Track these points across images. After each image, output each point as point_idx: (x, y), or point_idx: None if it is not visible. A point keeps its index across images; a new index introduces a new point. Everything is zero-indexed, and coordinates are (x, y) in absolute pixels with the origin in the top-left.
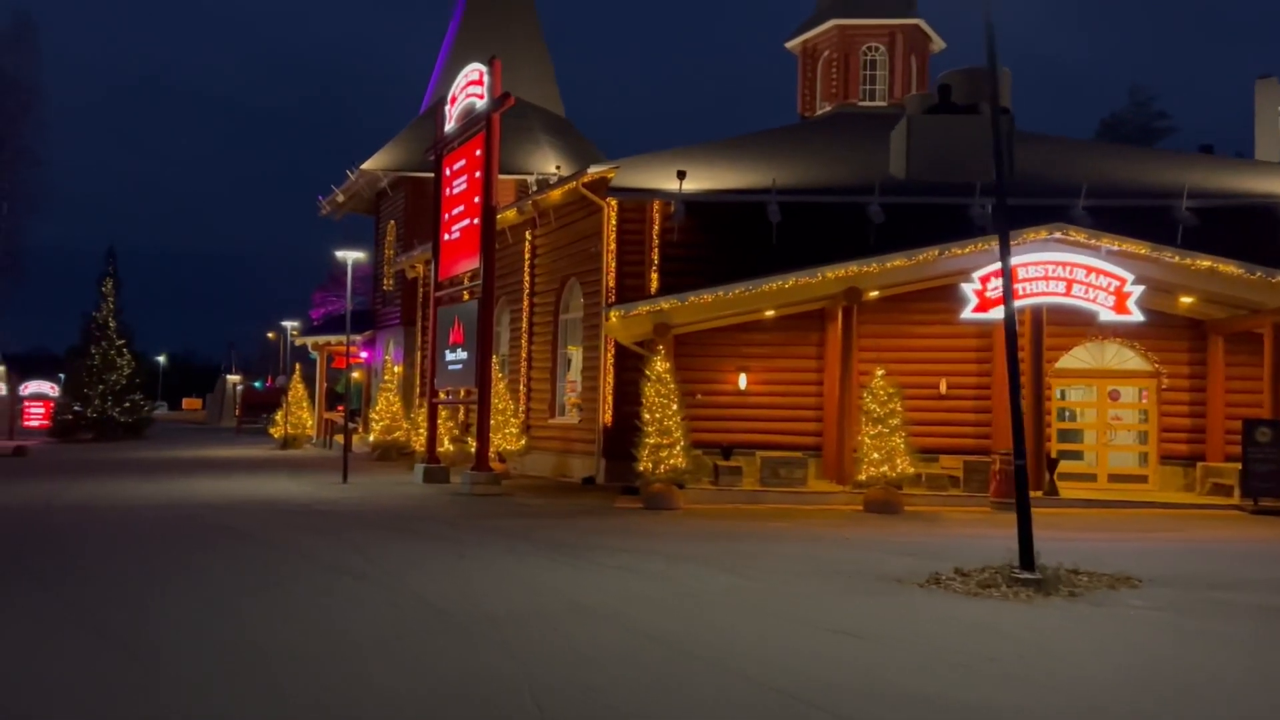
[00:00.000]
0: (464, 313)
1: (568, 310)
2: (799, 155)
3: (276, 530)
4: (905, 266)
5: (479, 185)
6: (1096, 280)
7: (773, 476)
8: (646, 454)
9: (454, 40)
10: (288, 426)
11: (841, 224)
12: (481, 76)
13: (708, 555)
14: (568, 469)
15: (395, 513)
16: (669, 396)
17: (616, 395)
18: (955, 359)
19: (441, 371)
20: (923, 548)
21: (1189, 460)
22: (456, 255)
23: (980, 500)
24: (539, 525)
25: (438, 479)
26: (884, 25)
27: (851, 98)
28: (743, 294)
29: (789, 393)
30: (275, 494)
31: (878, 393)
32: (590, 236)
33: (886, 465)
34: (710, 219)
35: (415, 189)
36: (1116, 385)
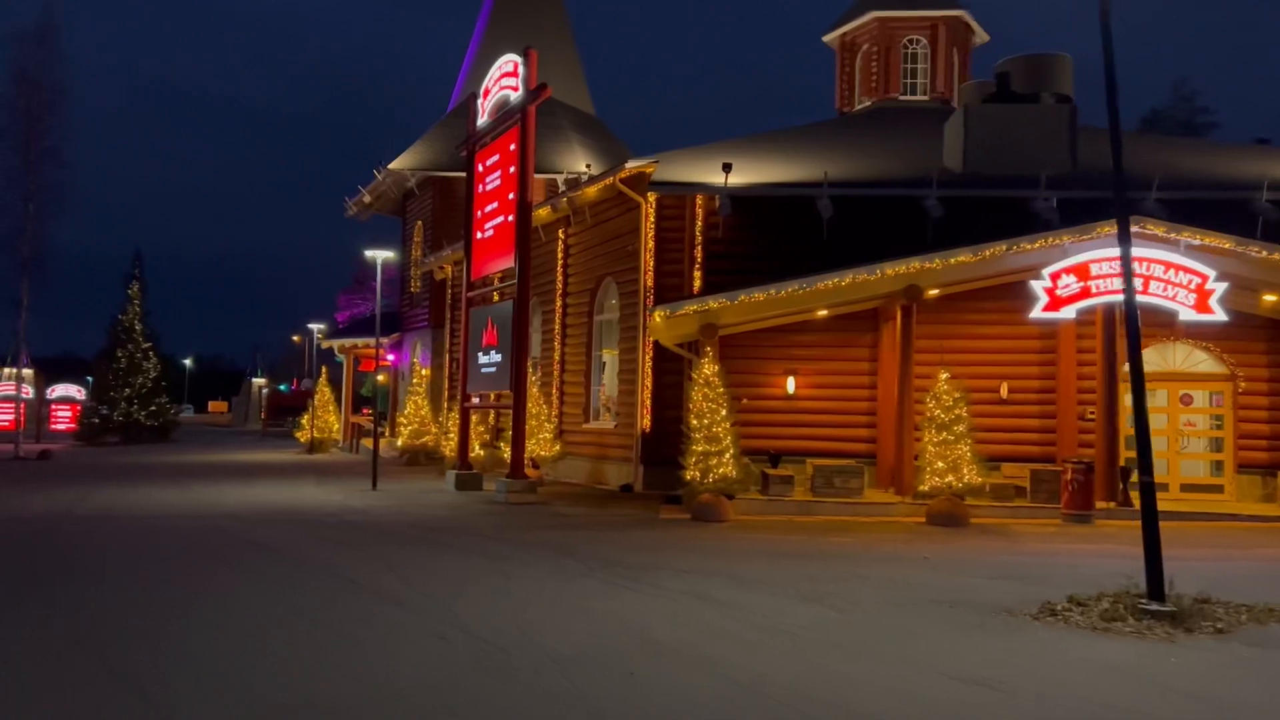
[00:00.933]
0: (498, 314)
1: (602, 311)
2: (843, 149)
3: (305, 544)
4: (970, 262)
5: (513, 181)
6: (1176, 277)
7: (826, 486)
8: (693, 462)
9: (482, 37)
10: (314, 430)
11: (895, 219)
12: (516, 68)
13: (780, 578)
14: (603, 476)
15: (429, 524)
16: (717, 401)
17: (655, 399)
18: (1016, 361)
19: (474, 375)
20: (1014, 569)
21: (1269, 469)
22: (489, 254)
23: (1050, 512)
24: (584, 539)
25: (470, 486)
26: (926, 17)
27: (892, 92)
28: (796, 292)
29: (840, 397)
30: (303, 502)
31: (942, 397)
32: (627, 234)
33: (952, 475)
34: (756, 215)
35: (443, 189)
36: (1188, 389)
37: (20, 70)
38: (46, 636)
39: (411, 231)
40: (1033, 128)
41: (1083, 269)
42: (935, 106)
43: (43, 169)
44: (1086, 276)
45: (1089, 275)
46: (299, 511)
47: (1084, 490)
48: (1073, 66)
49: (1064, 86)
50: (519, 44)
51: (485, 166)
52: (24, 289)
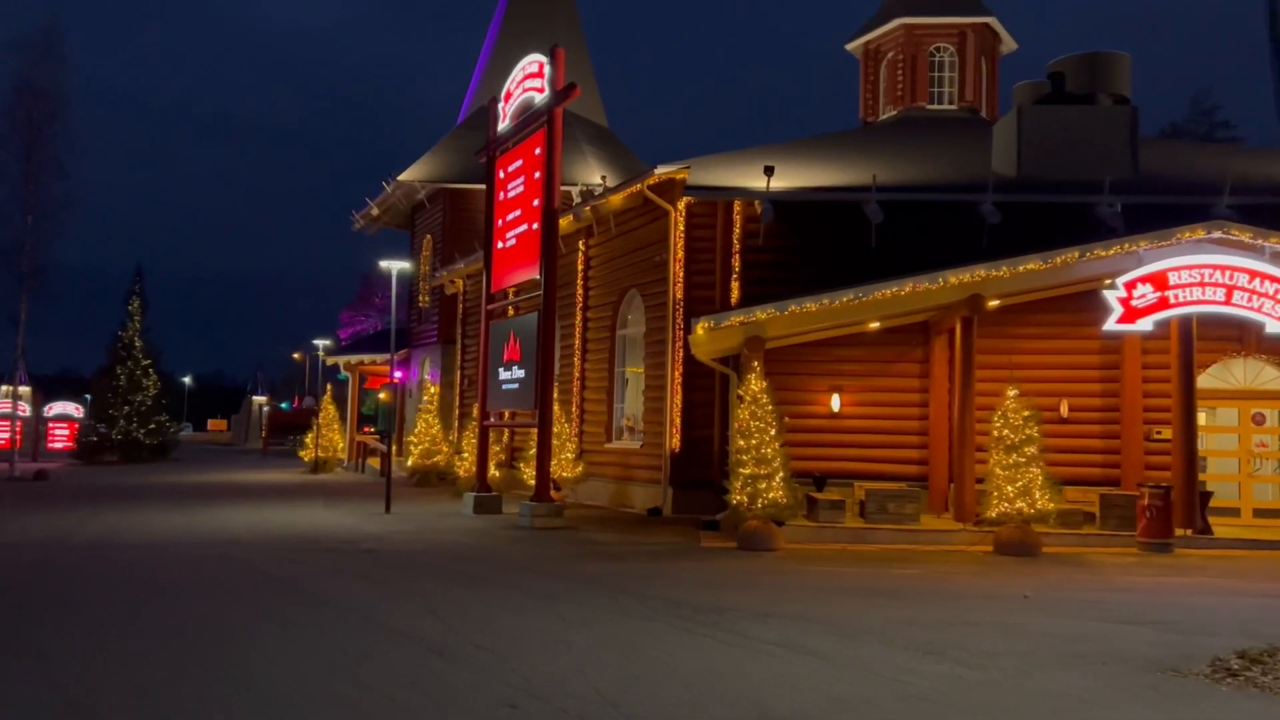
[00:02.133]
0: (521, 327)
1: (625, 325)
2: (878, 156)
3: (326, 579)
4: (1039, 270)
5: (538, 187)
6: (1262, 286)
7: (880, 512)
8: (740, 485)
9: (494, 46)
10: (318, 449)
11: (947, 226)
12: (541, 68)
13: (879, 623)
14: (628, 498)
15: (456, 553)
16: (766, 420)
17: (685, 418)
18: (1076, 377)
19: (494, 392)
20: (1130, 611)
21: None
22: (511, 265)
23: (1124, 540)
24: (631, 572)
25: (490, 509)
26: (954, 24)
27: (920, 100)
28: (851, 302)
29: (888, 415)
30: (314, 527)
31: (1011, 416)
32: (654, 244)
33: (1023, 500)
34: (796, 222)
35: (454, 201)
36: (1260, 408)
37: (23, 78)
38: (25, 696)
39: (420, 245)
40: (1091, 130)
41: (1160, 278)
42: (965, 115)
43: (43, 180)
44: (1164, 286)
45: (1167, 285)
46: (312, 538)
47: (1163, 517)
48: (1130, 65)
49: (1122, 86)
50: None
51: (507, 173)
52: (22, 305)
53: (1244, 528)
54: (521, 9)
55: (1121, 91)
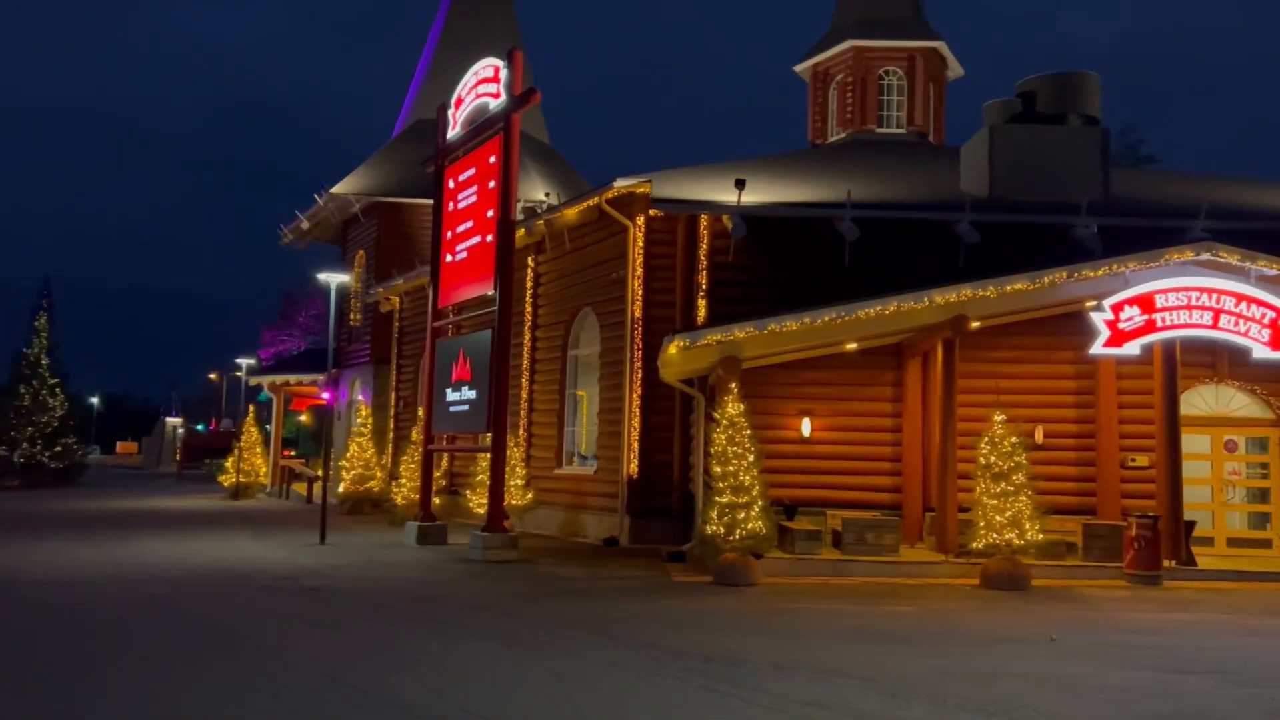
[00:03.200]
0: (472, 345)
1: (578, 345)
2: (835, 175)
3: (267, 623)
4: (1027, 290)
5: (493, 197)
6: (1249, 310)
7: (858, 542)
8: (716, 515)
9: (432, 57)
10: (240, 474)
11: (921, 245)
12: (497, 73)
13: (917, 678)
14: (580, 527)
15: (409, 591)
16: (744, 445)
17: (644, 443)
18: (1051, 403)
19: (440, 414)
20: (1176, 656)
21: None
22: (461, 279)
23: (1110, 572)
24: (609, 613)
25: (434, 540)
26: (903, 48)
27: (869, 123)
28: (833, 321)
29: (860, 441)
30: (245, 561)
31: (1000, 442)
32: (610, 261)
33: (1012, 531)
34: (766, 238)
35: (390, 215)
36: (1234, 435)
37: None
38: None
39: (352, 261)
40: (1062, 150)
41: (1147, 300)
42: (913, 139)
43: None
44: (1151, 309)
45: (1154, 307)
46: (244, 574)
47: (1152, 548)
48: (1099, 85)
49: (1091, 107)
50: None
51: (458, 182)
52: None
53: (1221, 557)
54: (461, 21)
55: (1091, 112)
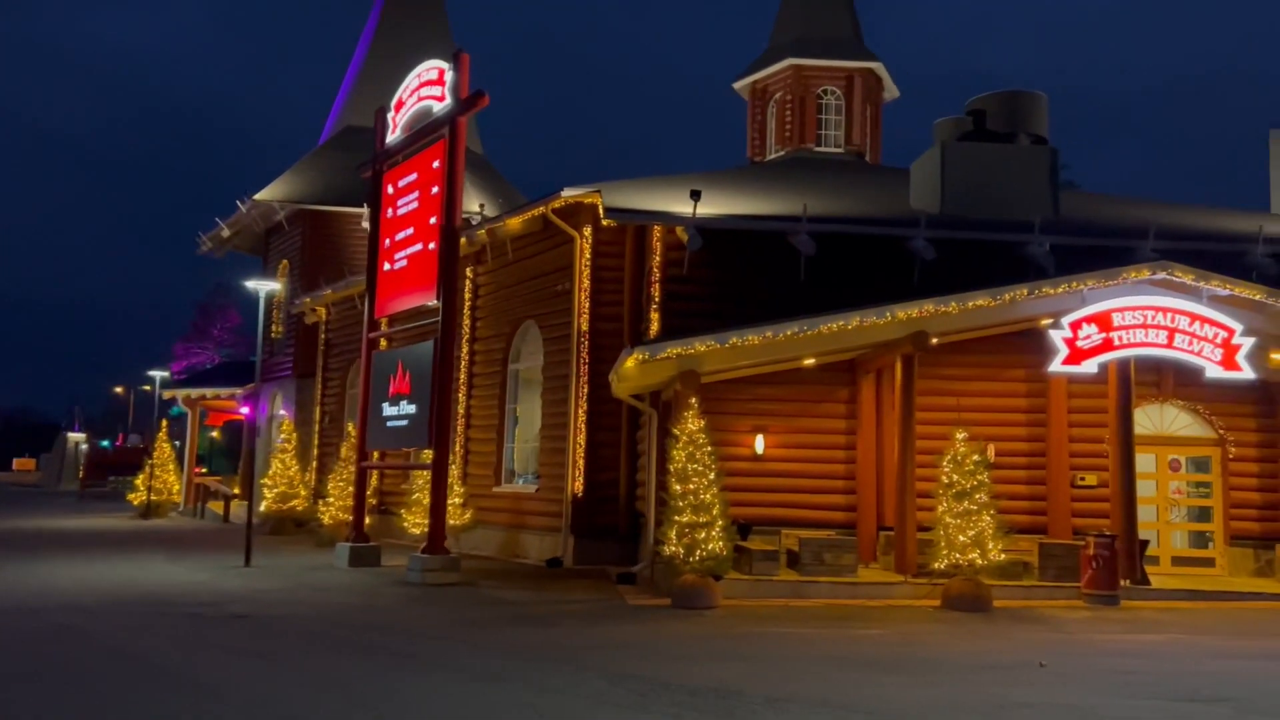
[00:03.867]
0: (412, 357)
1: (519, 359)
2: (780, 192)
3: (199, 656)
4: (989, 307)
5: (437, 203)
6: (1202, 330)
7: (815, 563)
8: (675, 535)
9: (363, 63)
10: (151, 492)
11: (875, 261)
12: (441, 75)
13: (920, 710)
14: (520, 548)
15: (350, 618)
16: (704, 462)
17: (589, 460)
18: (1003, 421)
19: (376, 429)
20: (1177, 683)
21: (1261, 540)
22: (400, 288)
23: (1068, 592)
24: (573, 640)
25: (368, 561)
26: (841, 68)
27: (808, 142)
28: (795, 336)
29: (813, 459)
30: (164, 585)
31: (962, 461)
32: (555, 272)
33: (975, 551)
34: (719, 252)
35: (316, 224)
36: (1178, 454)
37: None
38: None
39: (275, 271)
40: (1013, 169)
41: (1104, 318)
42: (851, 159)
43: None
44: (1109, 327)
45: (1111, 325)
46: (165, 600)
47: (1110, 568)
48: (1048, 105)
49: (1040, 126)
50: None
51: (397, 188)
52: None
53: (1170, 576)
54: (393, 27)
55: (1039, 131)
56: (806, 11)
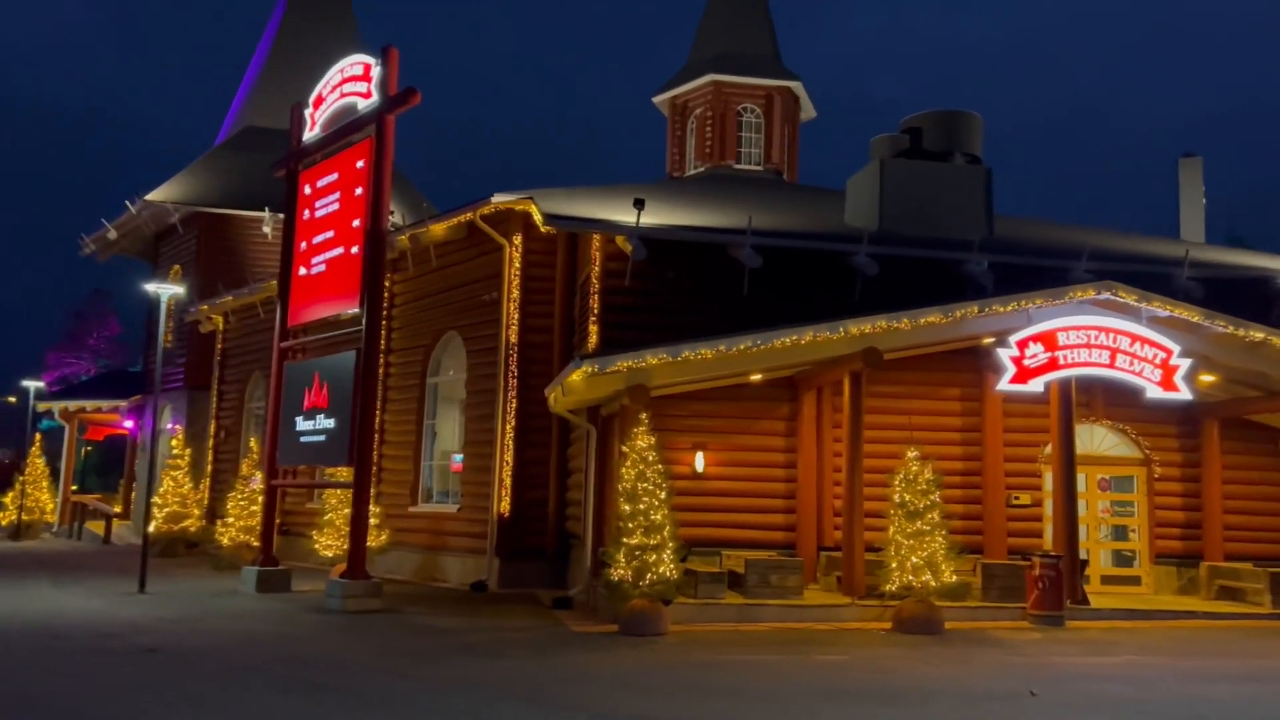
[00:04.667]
0: (331, 368)
1: (438, 372)
2: (705, 206)
3: (115, 699)
4: (939, 324)
5: (361, 205)
6: (1142, 351)
7: (761, 585)
8: (624, 558)
9: (265, 62)
10: (22, 511)
11: (816, 276)
12: (367, 70)
13: None
14: (439, 570)
15: (273, 649)
16: (655, 481)
17: (516, 478)
18: (938, 440)
19: (288, 445)
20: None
21: (1184, 559)
22: (317, 295)
23: (1012, 612)
24: (525, 673)
25: (277, 586)
26: (761, 86)
27: (728, 159)
28: (749, 350)
29: (753, 477)
30: (55, 614)
31: (915, 480)
32: (481, 281)
33: (928, 572)
34: (659, 264)
35: (213, 227)
36: (1107, 474)
37: None
38: None
39: (165, 276)
40: (949, 187)
41: (1050, 337)
42: (770, 177)
43: None
44: (1054, 346)
45: (1056, 345)
46: (59, 632)
47: (1055, 588)
48: (982, 125)
49: (974, 146)
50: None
51: (315, 189)
52: None
53: (1104, 595)
54: (298, 26)
55: (974, 151)
56: (727, 28)
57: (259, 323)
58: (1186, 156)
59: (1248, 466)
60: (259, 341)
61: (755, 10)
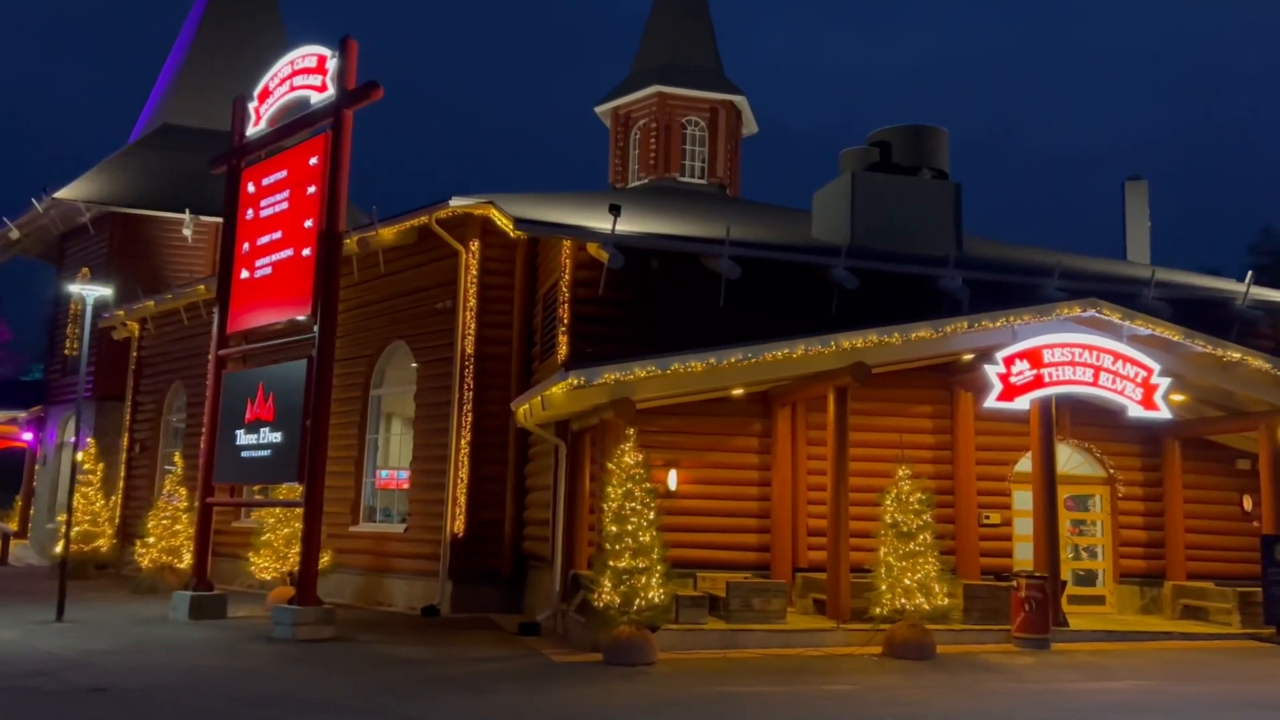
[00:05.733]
0: (279, 378)
1: (382, 384)
2: (646, 218)
3: None
4: (930, 339)
5: (314, 205)
6: (1124, 369)
7: (744, 609)
8: (610, 582)
9: (185, 57)
10: None
11: (791, 289)
12: (322, 62)
13: None
14: (384, 594)
15: (238, 688)
16: (644, 501)
17: (472, 496)
18: (910, 458)
19: (226, 461)
20: None
21: (1146, 578)
22: (262, 299)
23: (996, 635)
24: (522, 708)
25: (212, 613)
26: (707, 99)
27: (672, 171)
28: (739, 363)
29: (725, 495)
30: None
31: (907, 500)
32: (432, 289)
33: (922, 595)
34: (632, 273)
35: (127, 228)
36: (1072, 492)
37: None
38: None
39: (72, 279)
40: (920, 202)
41: (1035, 354)
42: (714, 191)
43: None
44: (1039, 364)
45: (1042, 362)
46: None
47: (1042, 610)
48: (948, 141)
49: (941, 161)
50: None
51: (260, 187)
52: None
53: (1074, 615)
54: (220, 26)
55: (941, 166)
56: (670, 40)
57: (182, 330)
58: (1132, 179)
59: (1207, 486)
60: (182, 349)
61: (698, 23)
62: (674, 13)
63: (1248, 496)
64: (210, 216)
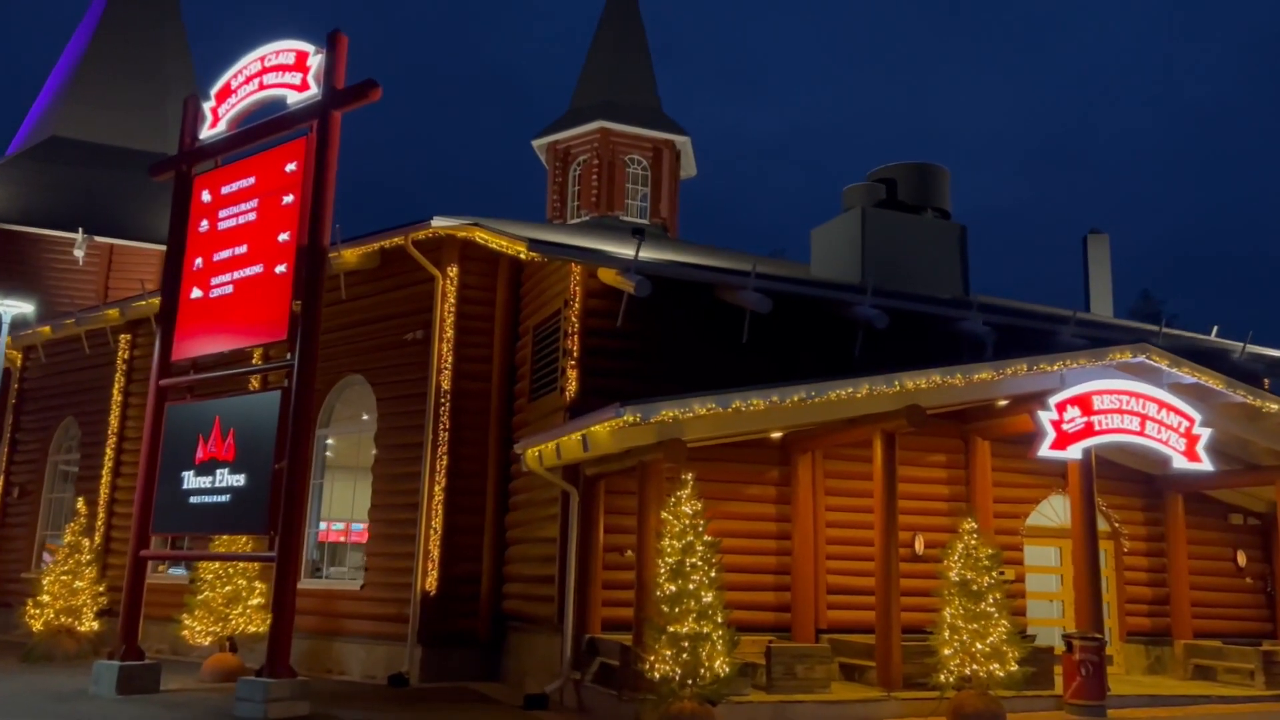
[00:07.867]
0: (241, 412)
1: (329, 423)
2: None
3: None
4: (990, 381)
5: (290, 215)
6: (1168, 418)
7: (787, 676)
8: (670, 650)
9: (77, 66)
10: None
11: (811, 326)
12: (302, 59)
13: None
14: (335, 660)
15: None
16: (706, 557)
17: (445, 549)
18: (928, 510)
19: (170, 506)
20: None
21: (1152, 636)
22: (219, 323)
23: (1046, 701)
24: None
25: (145, 687)
26: (650, 138)
27: (616, 209)
28: (802, 402)
29: (743, 549)
30: None
31: (976, 555)
32: (401, 318)
33: (996, 661)
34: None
35: (7, 248)
36: None
37: None
38: None
39: None
40: (927, 242)
41: (1085, 401)
42: (656, 231)
43: None
44: (1089, 411)
45: (1091, 409)
46: None
47: (1099, 674)
48: (949, 180)
49: (943, 200)
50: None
51: (219, 196)
52: None
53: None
54: (120, 30)
55: (943, 205)
56: (611, 78)
57: (81, 359)
58: (1093, 233)
59: (1209, 541)
60: (77, 382)
61: (639, 61)
62: (615, 50)
63: (1241, 552)
64: (106, 237)
